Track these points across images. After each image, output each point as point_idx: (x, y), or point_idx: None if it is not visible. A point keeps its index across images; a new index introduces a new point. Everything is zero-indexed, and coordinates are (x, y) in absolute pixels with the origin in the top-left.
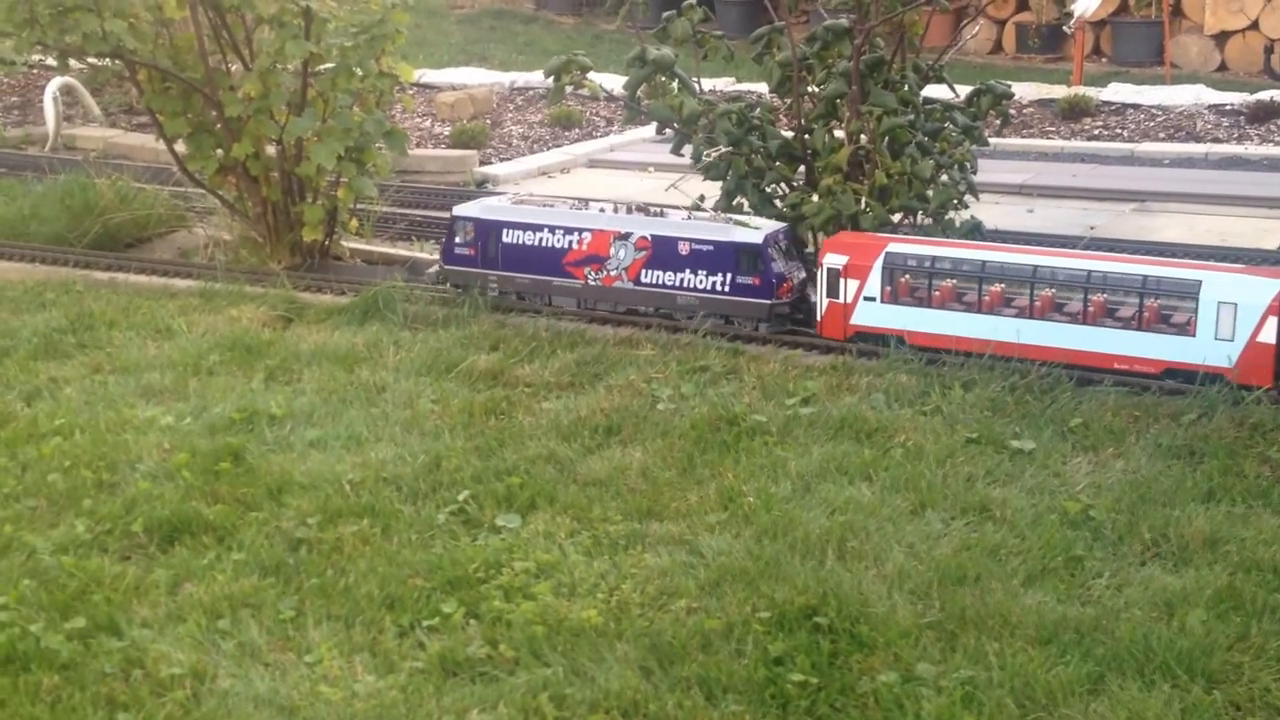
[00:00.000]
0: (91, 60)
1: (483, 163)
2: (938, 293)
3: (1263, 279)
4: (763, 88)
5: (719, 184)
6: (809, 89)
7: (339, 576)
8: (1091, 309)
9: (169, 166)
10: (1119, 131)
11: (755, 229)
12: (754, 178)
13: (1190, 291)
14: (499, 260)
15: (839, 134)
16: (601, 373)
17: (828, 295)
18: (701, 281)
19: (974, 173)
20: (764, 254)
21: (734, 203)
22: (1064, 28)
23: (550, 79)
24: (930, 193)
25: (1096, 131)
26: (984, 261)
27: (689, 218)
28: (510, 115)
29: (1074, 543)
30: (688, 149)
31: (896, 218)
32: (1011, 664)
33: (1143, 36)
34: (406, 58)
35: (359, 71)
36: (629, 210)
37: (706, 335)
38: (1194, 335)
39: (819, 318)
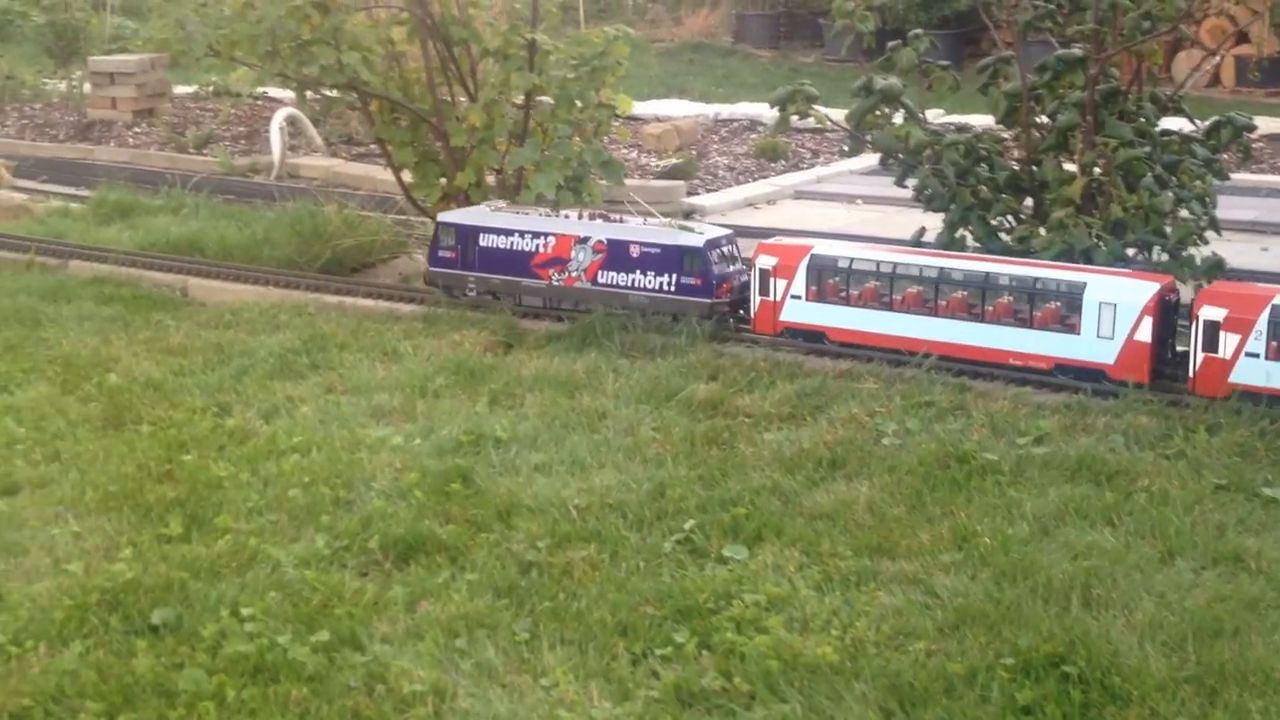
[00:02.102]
0: (325, 91)
1: (690, 194)
2: (857, 293)
3: (1141, 281)
4: (973, 119)
5: (940, 216)
6: (1037, 119)
7: (571, 601)
8: (990, 308)
9: (389, 195)
10: None
11: (699, 234)
12: (980, 210)
13: (1076, 292)
14: (476, 262)
15: (1069, 166)
16: (822, 405)
17: (759, 294)
18: (650, 282)
19: (1214, 207)
20: (705, 256)
21: (957, 235)
22: None
23: (776, 109)
24: (1169, 228)
25: None
26: (895, 264)
27: (644, 224)
28: (715, 146)
29: None
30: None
31: (1131, 252)
32: None
33: None
34: (624, 90)
35: (579, 103)
36: (590, 216)
37: (930, 370)
38: (1079, 334)
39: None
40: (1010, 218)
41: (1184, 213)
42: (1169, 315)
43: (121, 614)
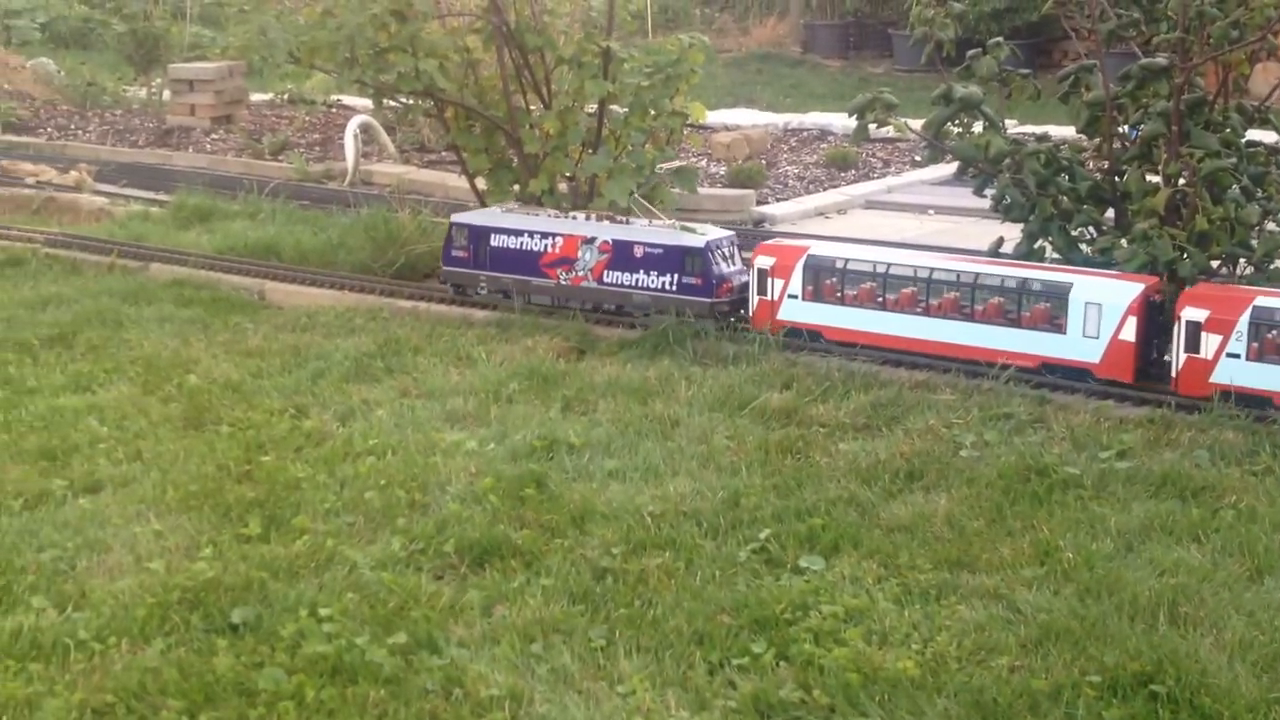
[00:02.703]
0: (402, 98)
1: (759, 202)
2: (852, 293)
3: (1126, 282)
4: (1048, 129)
5: (1019, 226)
6: (1119, 129)
7: (646, 608)
8: (980, 308)
9: (460, 201)
10: None
11: (700, 235)
12: (1061, 220)
13: (1062, 293)
14: (488, 262)
15: (1153, 177)
16: (898, 415)
17: (757, 293)
18: (654, 281)
19: None
20: (706, 257)
21: (1036, 246)
22: None
23: (854, 117)
24: (1255, 240)
25: None
26: (889, 265)
27: (649, 224)
28: (785, 156)
29: None
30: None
31: (1215, 265)
32: None
33: None
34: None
35: (652, 110)
36: (597, 218)
37: (1009, 383)
38: (1065, 333)
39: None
40: (1091, 229)
41: (1271, 225)
42: (1154, 315)
43: (202, 612)
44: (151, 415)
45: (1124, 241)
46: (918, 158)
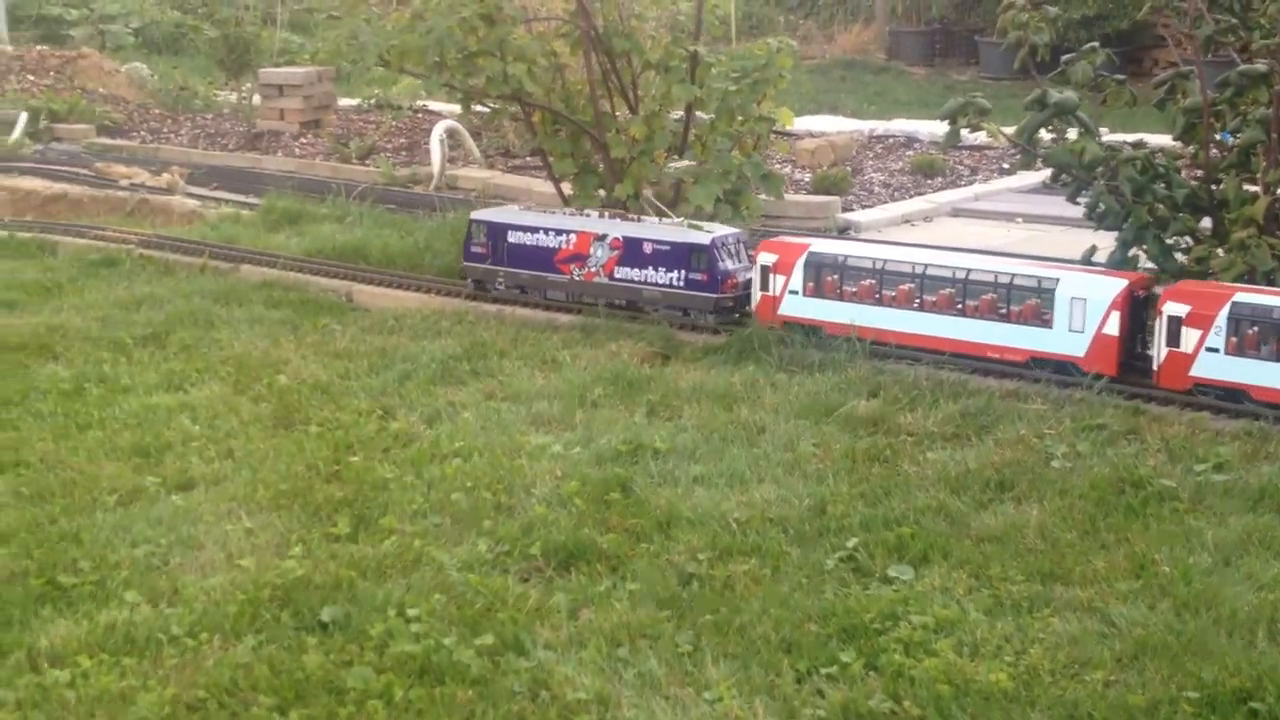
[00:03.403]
0: (490, 102)
1: (844, 209)
2: (850, 289)
3: (1110, 278)
4: (1139, 136)
5: (1113, 235)
6: (1217, 136)
7: (733, 615)
8: (973, 304)
9: (544, 206)
10: None
11: (707, 232)
12: (1156, 228)
13: (1049, 289)
14: (505, 258)
15: (1251, 185)
16: (988, 425)
17: (760, 289)
18: (662, 277)
19: None
20: (711, 253)
21: (1130, 254)
22: None
23: (945, 122)
24: None
25: None
26: (885, 262)
27: (659, 223)
28: (870, 163)
29: None
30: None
31: None
32: None
33: None
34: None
35: (739, 116)
36: (609, 215)
37: (1101, 392)
38: (1052, 328)
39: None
40: (1187, 238)
41: None
42: (1138, 311)
43: (292, 610)
44: (242, 414)
45: (1221, 250)
46: (1006, 165)
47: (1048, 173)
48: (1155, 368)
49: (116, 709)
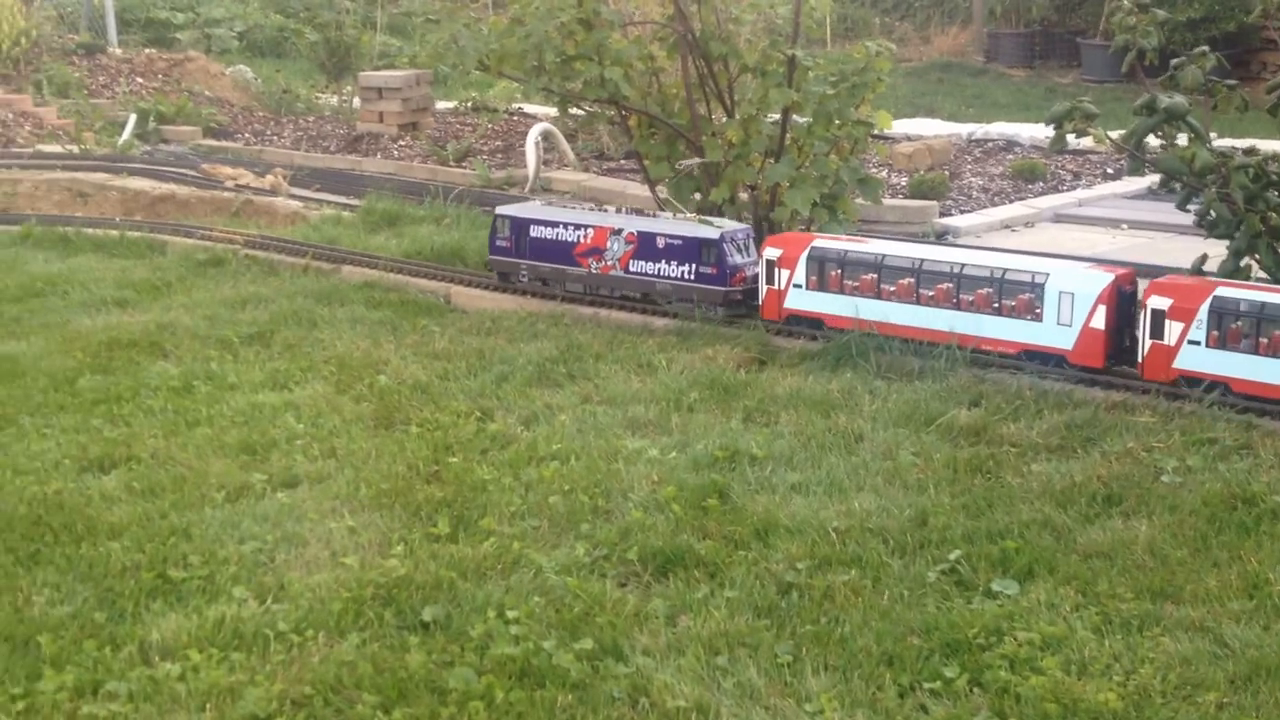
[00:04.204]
0: (587, 106)
1: (942, 214)
2: (852, 283)
3: (1097, 272)
4: (1253, 141)
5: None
6: None
7: (833, 626)
8: (968, 298)
9: (638, 209)
10: None
11: (716, 228)
12: (1269, 237)
13: (1040, 283)
14: (527, 251)
15: None
16: (1094, 437)
17: (766, 282)
18: (674, 271)
19: None
20: (721, 248)
21: (1242, 263)
22: None
23: (1051, 126)
24: None
25: None
26: (885, 256)
27: (673, 218)
28: (969, 167)
29: None
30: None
31: None
32: None
33: None
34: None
35: (837, 120)
36: (625, 211)
37: (1213, 406)
38: (1042, 321)
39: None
40: None
41: None
42: (1125, 305)
43: (395, 609)
44: (344, 414)
45: None
46: (1109, 170)
47: (1153, 178)
48: (1140, 360)
49: (225, 703)
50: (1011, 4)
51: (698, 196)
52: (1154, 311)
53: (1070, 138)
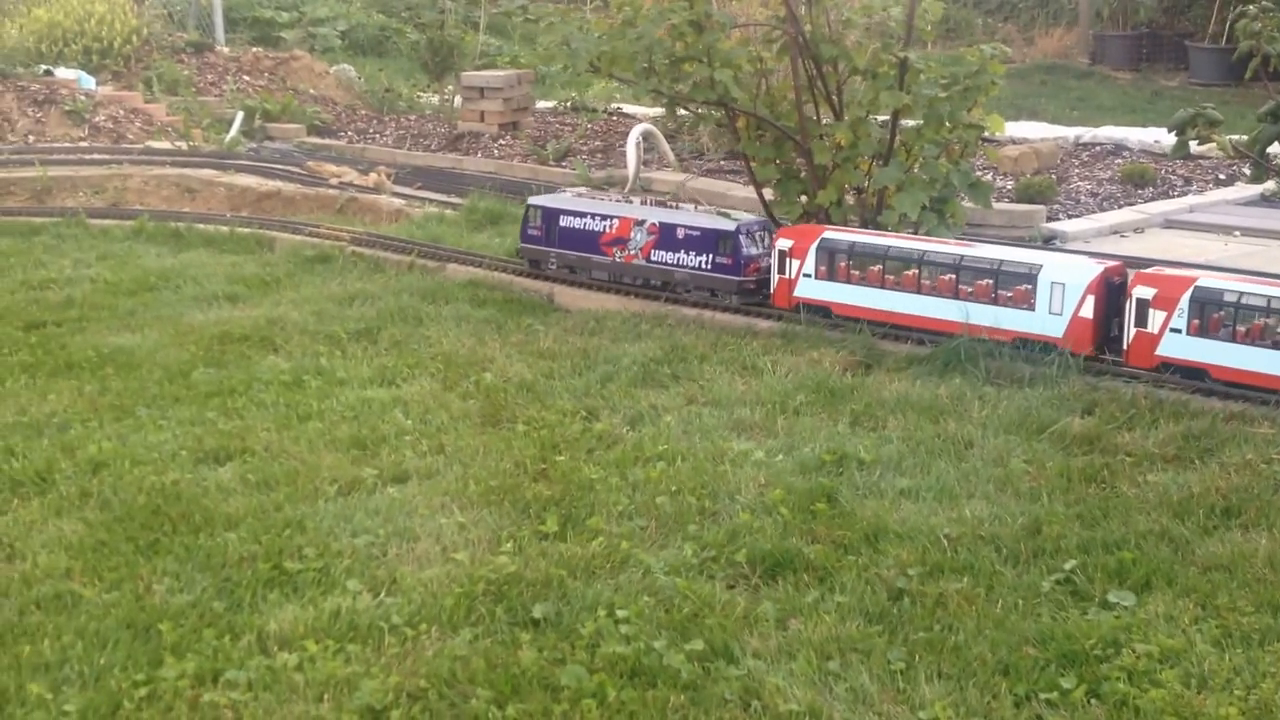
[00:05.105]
0: (694, 108)
1: (1049, 219)
2: (859, 273)
3: (1086, 263)
4: None
5: None
6: None
7: (946, 633)
8: (968, 288)
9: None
10: None
11: (733, 221)
12: None
13: (1033, 274)
14: (556, 240)
15: None
16: (1212, 448)
17: (778, 272)
18: (692, 260)
19: None
20: (736, 240)
21: None
22: None
23: (1173, 133)
24: None
25: None
26: (889, 248)
27: (693, 210)
28: (1076, 171)
29: None
30: None
31: None
32: None
33: None
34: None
35: (948, 123)
36: (649, 202)
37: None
38: (1035, 310)
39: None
40: None
41: None
42: (1113, 295)
43: (506, 605)
44: (451, 410)
45: None
46: (1221, 175)
47: (1269, 185)
48: (1125, 347)
49: (342, 694)
50: (1118, 6)
51: (804, 199)
52: (1139, 300)
53: (1191, 144)
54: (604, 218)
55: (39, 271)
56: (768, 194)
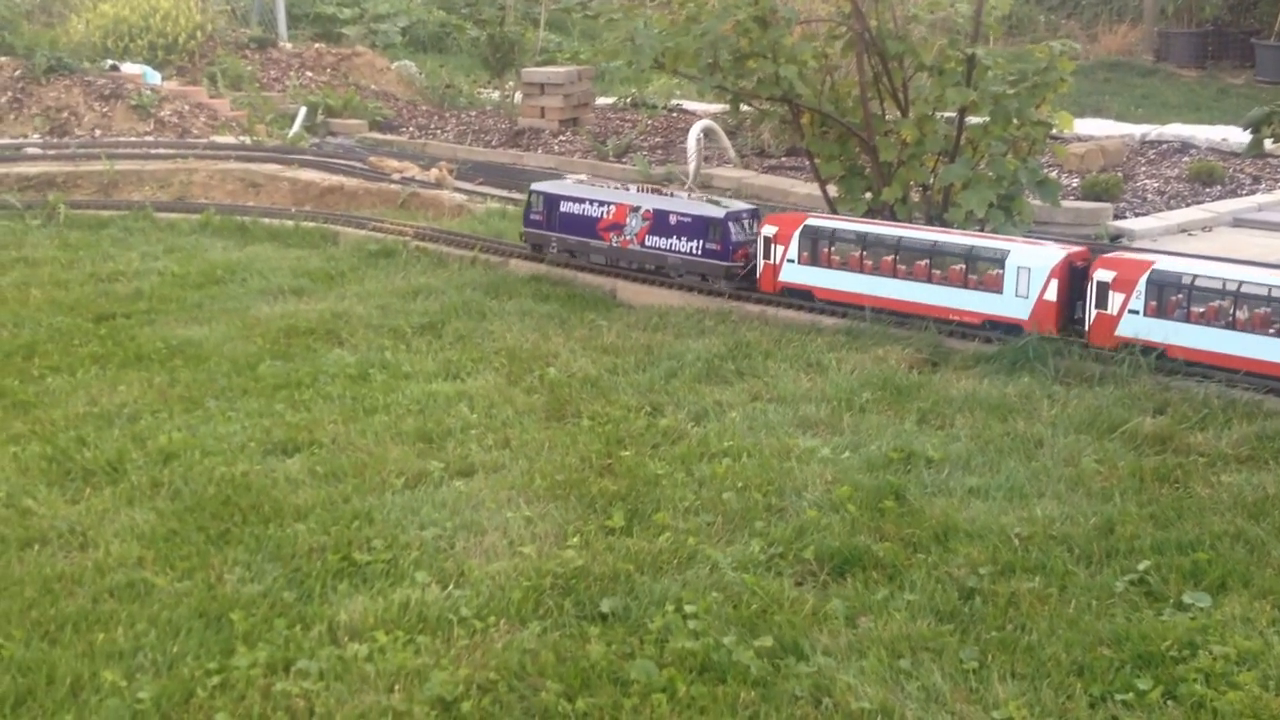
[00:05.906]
0: (758, 104)
1: (1116, 217)
2: (839, 258)
3: (1051, 249)
4: None
5: None
6: None
7: (1019, 633)
8: (940, 272)
9: (798, 207)
10: None
11: (723, 208)
12: None
13: (1001, 258)
14: (557, 225)
15: None
16: None
17: (763, 258)
18: (683, 246)
19: None
20: (725, 226)
21: None
22: None
23: (1248, 130)
24: None
25: None
26: (867, 234)
27: (686, 198)
28: (1143, 169)
29: None
30: None
31: None
32: None
33: None
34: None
35: (1016, 120)
36: (644, 189)
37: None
38: (1003, 294)
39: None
40: None
41: None
42: (1077, 280)
43: (573, 599)
44: (516, 405)
45: None
46: None
47: None
48: (1086, 328)
49: (413, 684)
50: (1184, 3)
51: (869, 196)
52: (1099, 283)
53: (1267, 143)
54: (602, 204)
55: (107, 264)
56: (832, 190)
